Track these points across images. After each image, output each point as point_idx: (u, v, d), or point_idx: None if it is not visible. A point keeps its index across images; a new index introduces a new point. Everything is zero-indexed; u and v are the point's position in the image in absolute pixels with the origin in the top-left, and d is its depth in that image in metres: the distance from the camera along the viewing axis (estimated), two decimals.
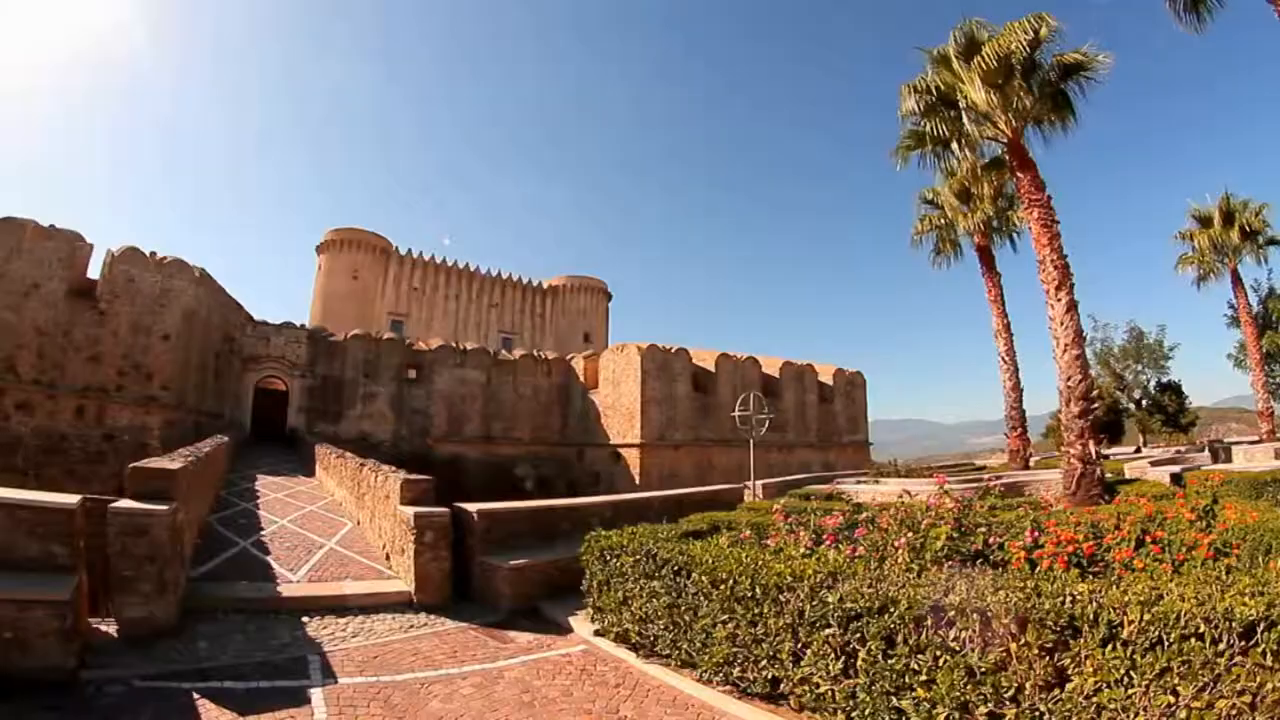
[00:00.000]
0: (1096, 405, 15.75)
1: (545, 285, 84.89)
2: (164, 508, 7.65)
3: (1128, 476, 16.82)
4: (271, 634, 7.89)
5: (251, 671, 6.66)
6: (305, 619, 8.54)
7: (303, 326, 39.12)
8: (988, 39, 16.55)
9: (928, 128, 18.33)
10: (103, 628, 7.29)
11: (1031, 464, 24.67)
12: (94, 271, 28.20)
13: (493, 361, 40.99)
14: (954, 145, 18.56)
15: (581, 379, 41.25)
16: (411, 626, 8.67)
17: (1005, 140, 17.00)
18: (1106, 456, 21.13)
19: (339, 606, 9.19)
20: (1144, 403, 49.73)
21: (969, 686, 4.57)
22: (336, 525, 14.62)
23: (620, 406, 37.31)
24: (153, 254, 29.13)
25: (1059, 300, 15.59)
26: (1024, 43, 15.80)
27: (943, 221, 26.54)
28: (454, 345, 41.52)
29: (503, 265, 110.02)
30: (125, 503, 7.62)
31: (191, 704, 5.83)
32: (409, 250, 75.58)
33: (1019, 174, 16.79)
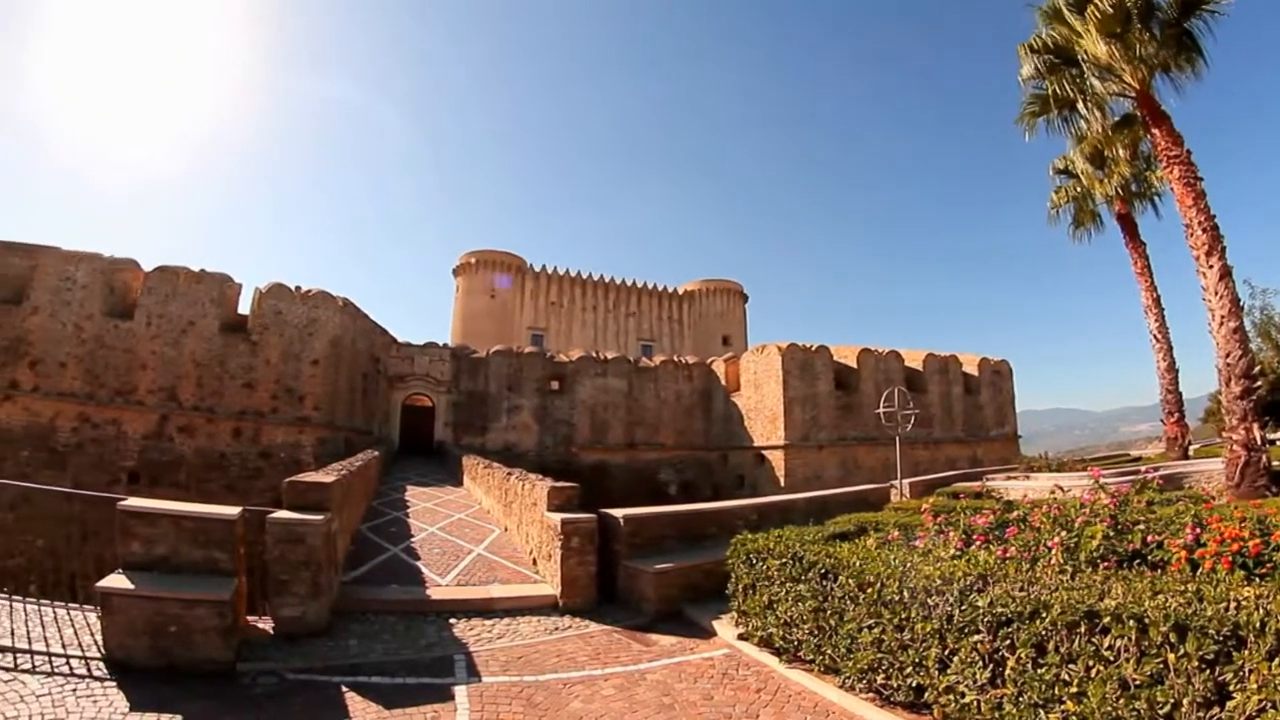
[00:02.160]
0: (1260, 384, 14.34)
1: (681, 291, 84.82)
2: (318, 518, 8.20)
3: None
4: (419, 634, 8.26)
5: (398, 668, 6.99)
6: (452, 620, 8.89)
7: (445, 345, 40.87)
8: None
9: (1050, 89, 17.39)
10: (259, 625, 7.84)
11: (1191, 452, 22.75)
12: (244, 307, 31.13)
13: (633, 369, 41.41)
14: (1080, 105, 17.47)
15: (723, 382, 41.08)
16: (556, 629, 8.86)
17: (1133, 93, 15.84)
18: (1273, 442, 19.18)
19: (485, 609, 9.52)
20: None
21: (1121, 700, 4.24)
22: (484, 532, 15.12)
23: (763, 408, 36.96)
24: (298, 288, 31.50)
25: (1210, 267, 14.33)
26: None
27: (1079, 191, 24.96)
28: (594, 355, 42.21)
29: (637, 275, 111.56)
30: (282, 513, 8.22)
31: (339, 696, 6.18)
32: (543, 266, 77.52)
33: (1153, 129, 15.59)
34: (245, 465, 28.19)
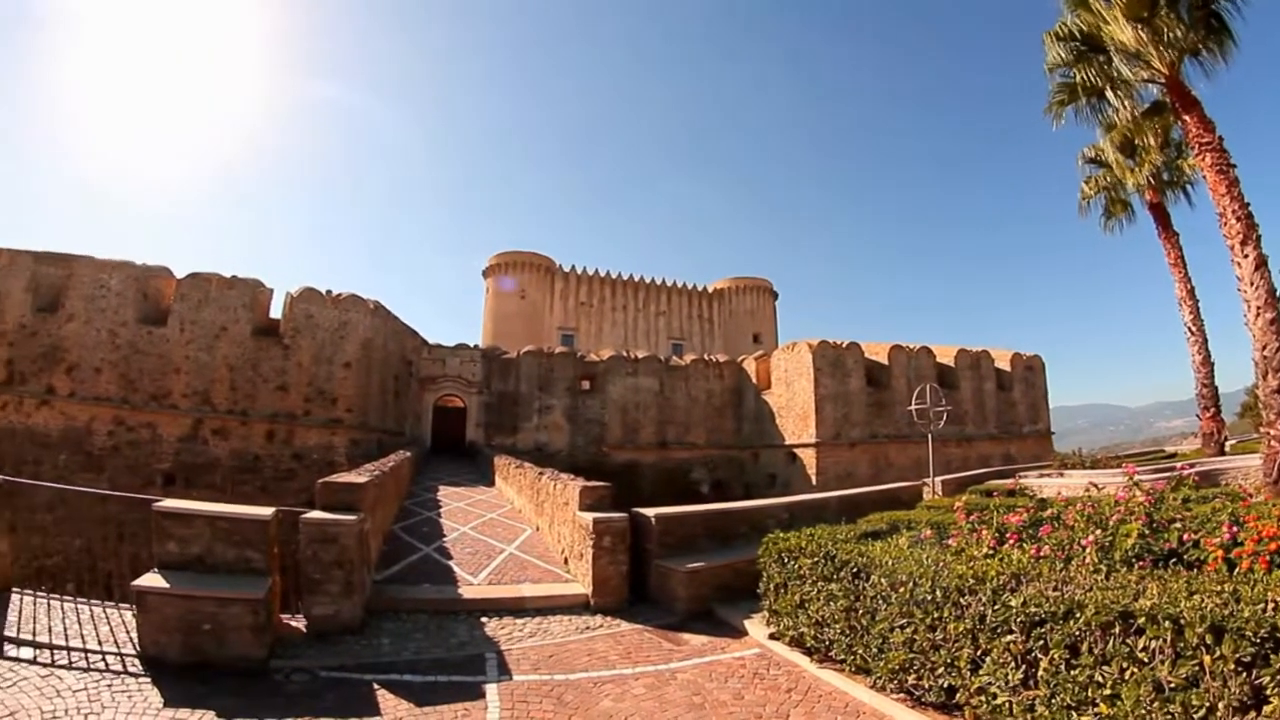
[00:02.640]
0: None
1: (711, 289, 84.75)
2: (351, 518, 8.32)
3: None
4: (451, 633, 8.34)
5: (430, 666, 7.07)
6: (484, 619, 8.94)
7: (476, 347, 41.34)
8: None
9: (1078, 77, 17.20)
10: (293, 624, 7.96)
11: (1227, 448, 22.20)
12: (275, 312, 31.96)
13: (664, 368, 41.48)
14: (1108, 93, 17.21)
15: (754, 380, 41.02)
16: (587, 628, 8.89)
17: (1162, 79, 15.53)
18: None
19: (517, 608, 9.58)
20: None
21: (1156, 704, 4.15)
22: (516, 531, 15.19)
23: (794, 406, 36.87)
24: (329, 292, 32.12)
25: (1245, 256, 14.00)
26: None
27: (1109, 180, 24.36)
28: (625, 354, 42.37)
29: (666, 273, 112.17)
30: (315, 514, 8.35)
31: (371, 693, 6.27)
32: (572, 266, 77.93)
33: (1183, 116, 15.28)
34: (278, 467, 28.77)
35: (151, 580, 6.80)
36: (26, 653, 6.50)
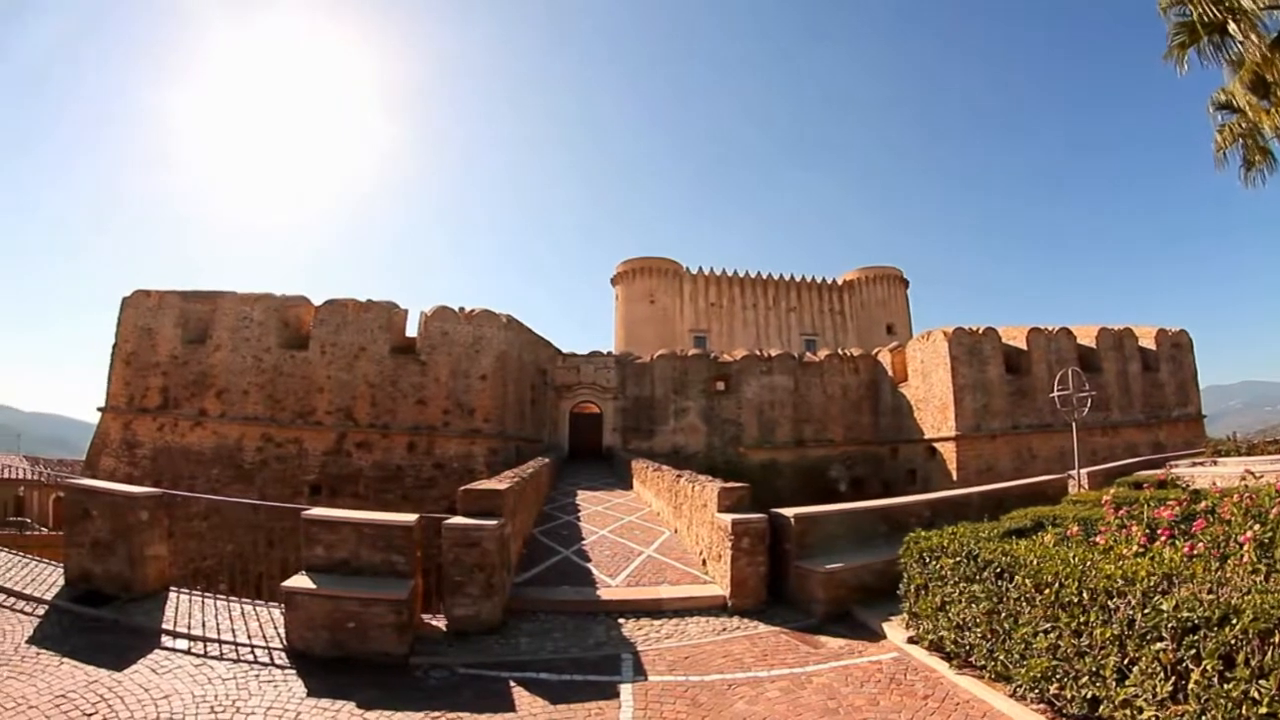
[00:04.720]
0: None
1: (841, 281, 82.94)
2: (492, 523, 8.70)
3: None
4: (588, 633, 8.55)
5: (566, 666, 7.29)
6: (621, 620, 9.14)
7: (609, 354, 42.31)
8: None
9: (1196, 14, 15.73)
10: (433, 623, 8.40)
11: None
12: (411, 331, 33.65)
13: (798, 365, 41.08)
14: (1230, 26, 15.71)
15: (889, 373, 40.05)
16: (724, 629, 8.94)
17: None
18: None
19: (654, 609, 9.73)
20: None
21: None
22: (654, 534, 15.36)
23: (931, 398, 35.78)
24: (461, 309, 33.57)
25: None
26: None
27: (1244, 126, 22.14)
28: (758, 353, 42.23)
29: (794, 268, 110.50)
30: (457, 519, 8.79)
31: (507, 690, 6.54)
32: (700, 268, 78.05)
33: None
34: (419, 476, 30.27)
35: (299, 581, 7.39)
36: (182, 644, 7.25)
